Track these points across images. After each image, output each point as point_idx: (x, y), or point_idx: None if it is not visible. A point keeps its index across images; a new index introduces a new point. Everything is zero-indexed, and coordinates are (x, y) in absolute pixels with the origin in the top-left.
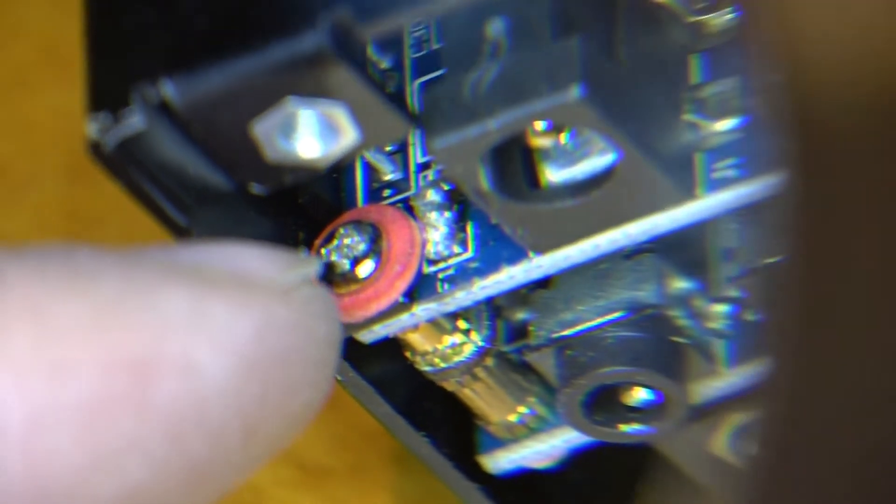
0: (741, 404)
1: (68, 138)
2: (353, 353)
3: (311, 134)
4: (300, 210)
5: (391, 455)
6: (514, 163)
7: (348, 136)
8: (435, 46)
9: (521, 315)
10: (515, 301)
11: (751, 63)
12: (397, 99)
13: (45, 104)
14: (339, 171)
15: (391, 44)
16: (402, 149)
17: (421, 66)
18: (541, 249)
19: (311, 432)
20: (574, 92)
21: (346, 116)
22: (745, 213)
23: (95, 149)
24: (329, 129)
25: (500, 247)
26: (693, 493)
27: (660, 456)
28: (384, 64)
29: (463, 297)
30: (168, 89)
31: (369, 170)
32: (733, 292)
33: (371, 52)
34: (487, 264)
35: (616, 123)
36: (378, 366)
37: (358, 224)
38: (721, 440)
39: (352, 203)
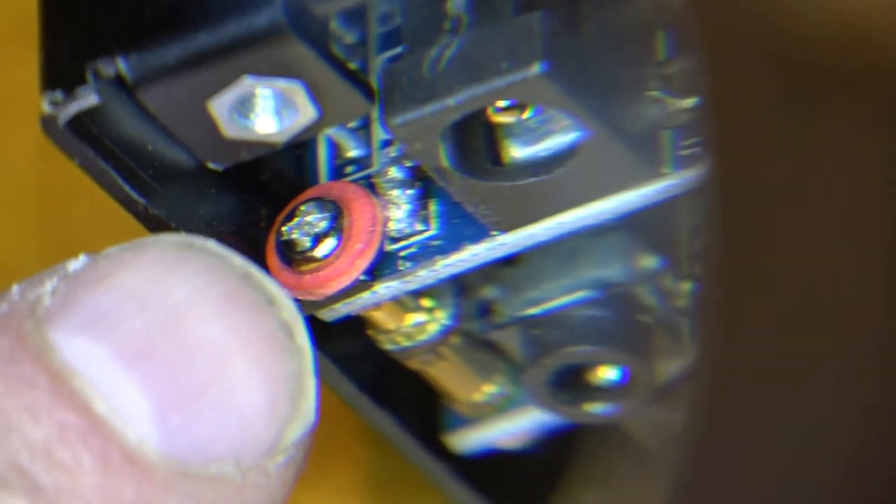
0: None
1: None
2: (316, 331)
3: (268, 111)
4: (262, 186)
5: (361, 432)
6: (477, 139)
7: (306, 113)
8: (400, 20)
9: (487, 292)
10: (481, 278)
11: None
12: (358, 76)
13: (17, 80)
14: (302, 147)
15: (357, 18)
16: (365, 125)
17: (387, 42)
18: (504, 228)
19: None
20: (536, 68)
21: (304, 94)
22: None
23: (48, 124)
24: (287, 107)
25: (464, 225)
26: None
27: (626, 435)
28: (350, 38)
29: (425, 275)
30: (123, 65)
31: (333, 146)
32: (700, 270)
33: (336, 26)
34: (450, 242)
35: (580, 100)
36: (342, 344)
37: (320, 201)
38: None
39: (315, 179)
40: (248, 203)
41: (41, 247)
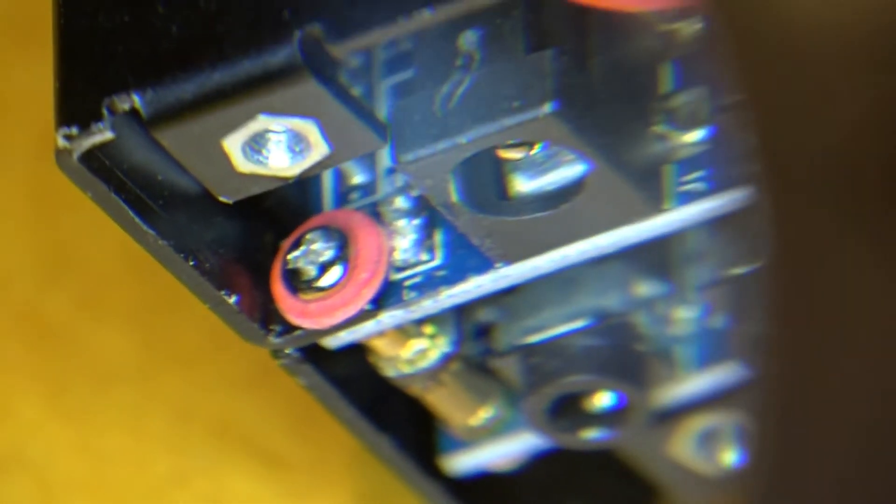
0: (702, 409)
1: (38, 119)
2: (318, 357)
3: (280, 147)
4: (266, 212)
5: (351, 449)
6: (484, 174)
7: (319, 149)
8: (407, 46)
9: (483, 315)
10: (481, 305)
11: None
12: (370, 112)
13: (14, 84)
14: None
15: None
16: (371, 152)
17: (392, 66)
18: (508, 260)
19: (272, 426)
20: (547, 108)
21: (318, 131)
22: (711, 222)
23: (63, 159)
24: (299, 143)
25: (468, 255)
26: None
27: (620, 457)
28: (354, 63)
29: (429, 305)
30: (138, 100)
31: (337, 172)
32: (696, 298)
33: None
34: (455, 273)
35: (587, 139)
36: (341, 368)
37: (325, 230)
38: (682, 444)
39: (318, 206)
40: (253, 230)
41: (35, 254)
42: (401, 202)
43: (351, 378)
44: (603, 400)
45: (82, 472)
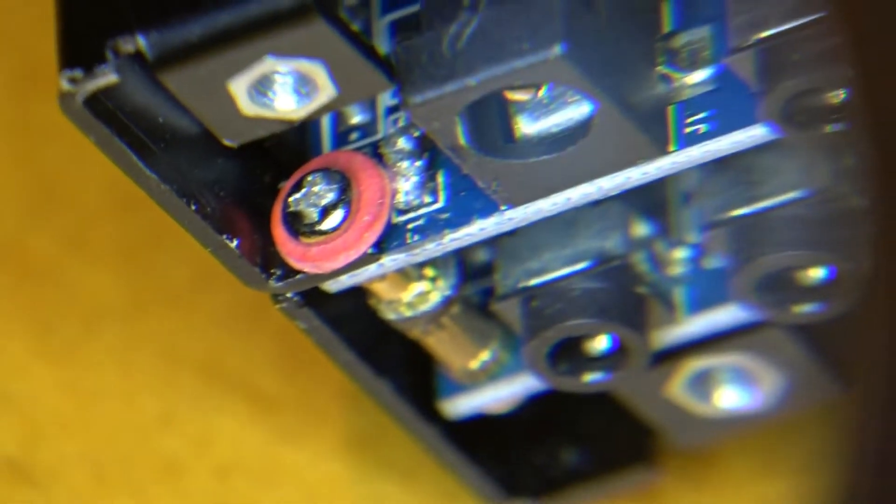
0: (698, 350)
1: (16, 52)
2: (317, 300)
3: (286, 89)
4: (265, 153)
5: (341, 390)
6: (490, 116)
7: (326, 91)
8: None
9: (483, 256)
10: (481, 247)
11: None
12: (377, 53)
13: None
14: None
15: None
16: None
17: (390, 2)
18: (514, 203)
19: (261, 365)
20: (556, 50)
21: (325, 73)
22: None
23: (66, 102)
24: (305, 85)
25: (472, 198)
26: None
27: (614, 398)
28: (352, 0)
29: (432, 248)
30: (142, 42)
31: (335, 113)
32: (693, 238)
33: None
34: (458, 215)
35: (596, 80)
36: (339, 312)
37: (326, 172)
38: (676, 385)
39: (317, 147)
40: (252, 172)
41: (18, 191)
42: (403, 143)
43: (349, 321)
44: (603, 343)
45: (69, 411)
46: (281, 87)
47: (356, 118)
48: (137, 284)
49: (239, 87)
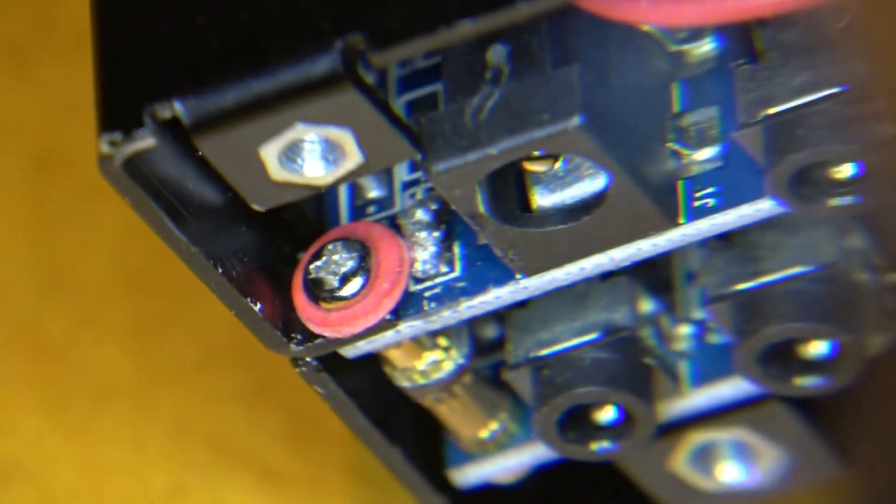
0: (700, 425)
1: (35, 137)
2: (334, 366)
3: (315, 156)
4: (285, 225)
5: (348, 463)
6: (508, 187)
7: (353, 158)
8: (420, 65)
9: (492, 332)
10: (494, 318)
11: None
12: (404, 123)
13: (10, 104)
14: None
15: None
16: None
17: (406, 84)
18: (529, 272)
19: (270, 439)
20: (575, 121)
21: (353, 140)
22: (713, 239)
23: (105, 165)
24: (334, 152)
25: (487, 267)
26: None
27: (618, 470)
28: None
29: (448, 315)
30: (179, 108)
31: (352, 186)
32: (697, 314)
33: None
34: (474, 284)
35: (611, 152)
36: (355, 379)
37: (347, 241)
38: (679, 459)
39: (335, 219)
40: (273, 241)
41: (32, 270)
42: (420, 215)
43: (364, 389)
44: (610, 413)
45: (83, 486)
46: (310, 154)
47: (373, 192)
48: (147, 362)
49: (270, 153)
